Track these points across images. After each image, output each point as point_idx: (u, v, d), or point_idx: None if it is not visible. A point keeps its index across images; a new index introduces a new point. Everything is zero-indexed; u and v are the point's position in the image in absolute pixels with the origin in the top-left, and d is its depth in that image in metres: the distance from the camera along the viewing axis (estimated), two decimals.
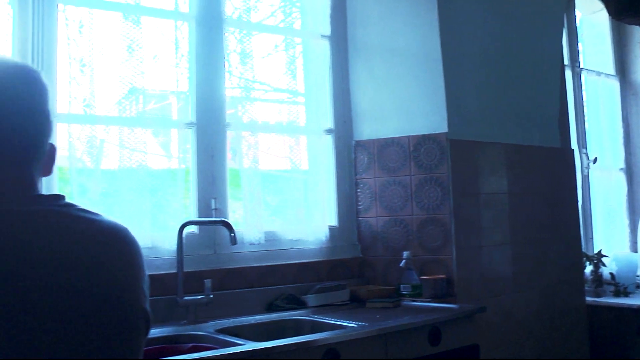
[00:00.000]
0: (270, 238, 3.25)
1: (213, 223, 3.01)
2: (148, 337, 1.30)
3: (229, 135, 3.23)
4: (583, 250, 4.35)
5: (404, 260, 3.30)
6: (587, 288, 4.26)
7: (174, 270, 2.83)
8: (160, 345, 2.46)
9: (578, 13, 5.20)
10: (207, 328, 2.72)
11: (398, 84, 3.53)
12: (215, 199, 3.07)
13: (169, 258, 2.86)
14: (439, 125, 3.37)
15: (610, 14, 4.61)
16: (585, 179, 4.90)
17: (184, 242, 2.87)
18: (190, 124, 3.12)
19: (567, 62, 4.69)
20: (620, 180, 5.28)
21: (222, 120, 3.19)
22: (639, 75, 5.37)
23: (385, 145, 3.52)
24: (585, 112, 5.08)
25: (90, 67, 2.85)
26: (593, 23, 5.42)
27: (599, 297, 4.32)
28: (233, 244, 2.77)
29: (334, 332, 2.60)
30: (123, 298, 1.21)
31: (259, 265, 3.18)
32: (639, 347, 3.99)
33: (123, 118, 2.98)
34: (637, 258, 4.67)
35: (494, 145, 3.62)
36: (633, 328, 4.03)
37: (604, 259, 4.47)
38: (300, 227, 3.37)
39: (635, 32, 5.24)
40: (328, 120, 3.60)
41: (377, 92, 3.61)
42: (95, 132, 2.86)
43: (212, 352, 2.31)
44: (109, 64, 2.92)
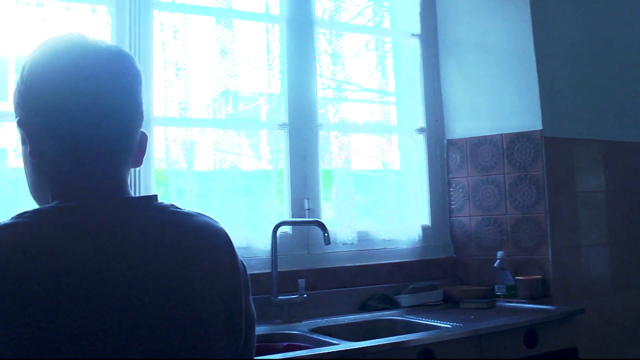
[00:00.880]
0: (363, 238, 3.24)
1: (307, 223, 3.03)
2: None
3: (321, 136, 3.25)
4: None
5: (498, 260, 3.24)
6: None
7: (268, 270, 2.87)
8: (256, 344, 2.49)
9: None
10: (301, 327, 2.75)
11: (490, 81, 3.47)
12: (308, 200, 3.10)
13: (263, 258, 2.91)
14: (533, 123, 3.30)
15: None
16: None
17: (278, 242, 2.91)
18: (283, 125, 3.16)
19: None
20: None
21: (314, 121, 3.22)
22: None
23: (478, 144, 3.47)
24: None
25: (185, 70, 2.92)
26: None
27: None
28: (327, 244, 2.78)
29: (429, 332, 2.57)
30: (221, 296, 1.19)
31: (352, 265, 3.19)
32: None
33: (217, 120, 3.04)
34: None
35: (591, 142, 3.51)
36: None
37: None
38: (393, 227, 3.35)
39: None
40: (419, 119, 3.57)
41: (468, 90, 3.56)
42: (190, 134, 2.92)
43: (306, 351, 2.32)
44: (203, 68, 2.98)
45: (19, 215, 1.08)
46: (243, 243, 2.87)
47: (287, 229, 3.07)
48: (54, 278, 1.01)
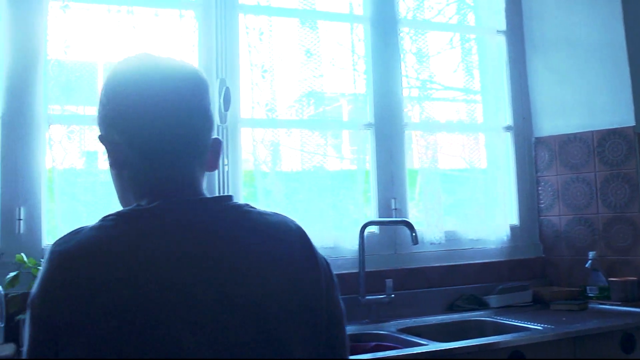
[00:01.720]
0: (451, 238, 3.22)
1: (394, 223, 3.03)
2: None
3: (407, 135, 3.23)
4: None
5: (590, 261, 3.16)
6: None
7: (356, 270, 2.88)
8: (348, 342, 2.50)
9: None
10: (389, 327, 2.75)
11: (579, 77, 3.39)
12: (395, 199, 3.09)
13: (351, 258, 2.92)
14: (625, 119, 3.19)
15: None
16: None
17: (365, 242, 2.91)
18: (369, 125, 3.16)
19: None
20: None
21: (399, 121, 3.21)
22: None
23: (567, 142, 3.39)
24: None
25: (271, 72, 2.95)
26: None
27: None
28: (415, 244, 2.76)
29: (519, 334, 2.54)
30: (306, 294, 1.22)
31: (440, 265, 3.17)
32: None
33: (303, 121, 3.06)
34: None
35: None
36: None
37: None
38: (481, 226, 3.31)
39: None
40: (506, 117, 3.52)
41: (556, 86, 3.48)
42: (277, 135, 2.95)
43: (395, 351, 2.31)
44: (288, 69, 3.01)
45: (104, 219, 1.17)
46: (330, 243, 2.89)
47: (374, 229, 3.07)
48: (137, 275, 1.08)
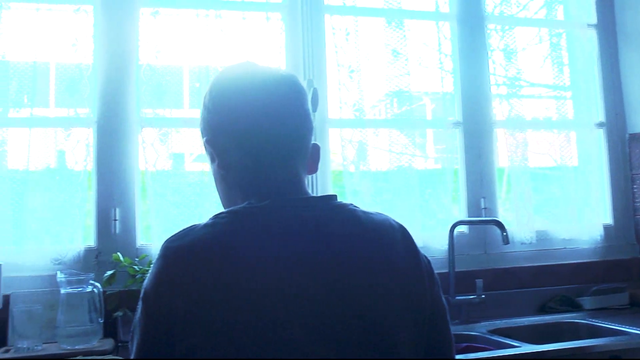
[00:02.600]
0: (542, 237, 3.15)
1: (484, 222, 2.99)
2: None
3: (496, 134, 3.18)
4: None
5: None
6: None
7: (445, 270, 2.85)
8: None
9: None
10: (479, 328, 2.71)
11: None
12: (484, 198, 3.05)
13: (440, 258, 2.89)
14: None
15: None
16: None
17: (454, 241, 2.88)
18: (457, 124, 3.13)
19: None
20: None
21: (488, 119, 3.17)
22: None
23: None
24: None
25: (358, 72, 2.95)
26: None
27: None
28: (505, 244, 2.71)
29: (616, 338, 2.47)
30: (410, 293, 1.23)
31: (531, 266, 3.10)
32: None
33: (390, 120, 3.07)
34: None
35: None
36: None
37: None
38: (573, 226, 3.23)
39: None
40: (598, 114, 3.42)
41: None
42: (364, 135, 2.95)
43: (487, 353, 2.29)
44: (375, 68, 3.00)
45: (216, 216, 1.20)
46: (419, 242, 2.79)
47: (463, 229, 3.04)
48: (251, 271, 1.11)
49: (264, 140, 1.28)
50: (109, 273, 2.52)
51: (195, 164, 2.90)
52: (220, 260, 1.11)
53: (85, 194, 2.70)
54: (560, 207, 3.32)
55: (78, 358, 2.23)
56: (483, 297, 2.83)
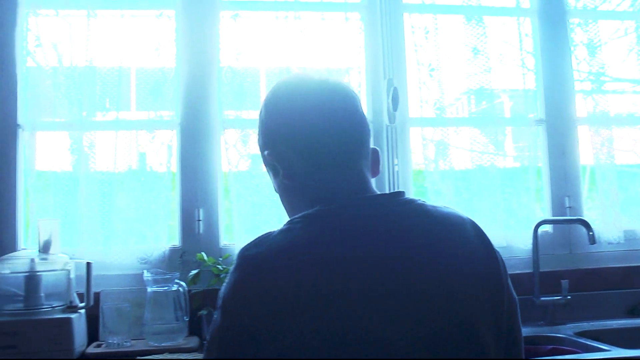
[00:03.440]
0: (631, 237, 3.05)
1: (569, 222, 2.93)
2: None
3: (580, 131, 3.11)
4: None
5: None
6: None
7: (529, 270, 2.80)
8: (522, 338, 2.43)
9: None
10: (565, 330, 2.64)
11: None
12: (569, 197, 2.98)
13: (524, 258, 2.85)
14: None
15: None
16: None
17: (538, 241, 2.83)
18: (540, 121, 3.07)
19: None
20: None
21: (571, 116, 3.10)
22: None
23: None
24: None
25: (438, 70, 2.93)
26: None
27: None
28: (592, 243, 2.64)
29: None
30: (489, 284, 1.23)
31: (619, 266, 3.01)
32: None
33: (472, 119, 3.03)
34: None
35: None
36: None
37: None
38: None
39: None
40: None
41: None
42: (446, 134, 2.93)
43: (574, 355, 2.24)
44: (455, 66, 2.97)
45: (290, 222, 1.22)
46: (502, 242, 2.84)
47: (547, 228, 2.98)
48: (331, 274, 1.10)
49: (324, 145, 1.30)
50: (194, 272, 2.56)
51: None
52: (299, 265, 1.11)
53: (169, 195, 2.76)
54: None
55: (165, 355, 2.27)
56: (569, 298, 2.76)
